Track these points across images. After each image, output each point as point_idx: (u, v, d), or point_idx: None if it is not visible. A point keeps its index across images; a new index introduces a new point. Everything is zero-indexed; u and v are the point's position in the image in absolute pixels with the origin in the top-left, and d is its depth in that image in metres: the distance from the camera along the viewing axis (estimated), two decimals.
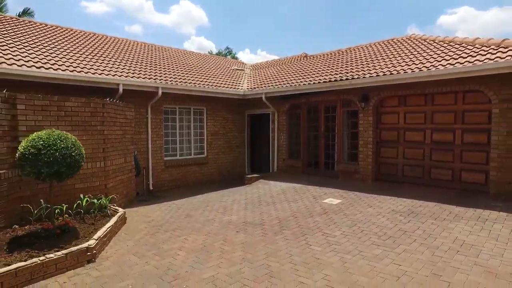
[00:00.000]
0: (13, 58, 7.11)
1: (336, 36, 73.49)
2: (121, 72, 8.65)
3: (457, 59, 7.28)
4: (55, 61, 7.83)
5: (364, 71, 8.97)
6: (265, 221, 6.13)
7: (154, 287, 3.66)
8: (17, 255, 4.16)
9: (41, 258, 4.00)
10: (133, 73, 8.95)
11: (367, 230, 5.34)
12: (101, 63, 8.83)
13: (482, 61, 6.70)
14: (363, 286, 3.53)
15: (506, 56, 6.51)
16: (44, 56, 7.91)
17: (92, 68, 8.16)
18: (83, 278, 3.93)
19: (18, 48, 7.80)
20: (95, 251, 4.52)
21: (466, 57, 7.18)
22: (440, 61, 7.56)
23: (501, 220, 5.54)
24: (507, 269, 3.80)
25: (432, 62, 7.65)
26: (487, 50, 7.15)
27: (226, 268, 4.10)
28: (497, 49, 7.02)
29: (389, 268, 3.93)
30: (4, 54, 7.17)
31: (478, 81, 7.08)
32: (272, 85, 10.97)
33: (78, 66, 8.00)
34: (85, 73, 7.78)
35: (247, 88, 11.66)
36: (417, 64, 7.91)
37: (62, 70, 7.48)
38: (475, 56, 7.06)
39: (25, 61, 7.17)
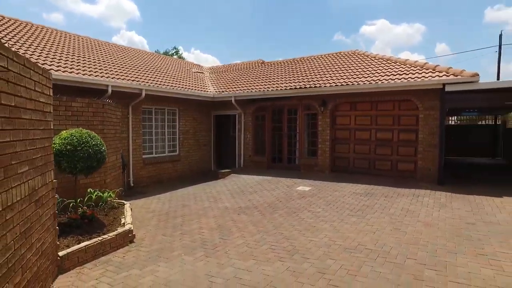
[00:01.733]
0: None
1: (267, 37, 76.80)
2: (106, 74, 9.13)
3: (395, 75, 9.41)
4: (43, 61, 8.08)
5: (323, 80, 10.75)
6: (256, 206, 7.41)
7: (202, 252, 4.72)
8: (66, 240, 4.79)
9: (100, 238, 4.78)
10: (117, 75, 9.47)
11: (340, 207, 6.97)
12: (89, 65, 9.21)
13: (413, 79, 8.87)
14: (353, 238, 5.06)
15: (429, 77, 8.75)
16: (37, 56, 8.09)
17: (82, 70, 8.54)
18: (137, 253, 4.81)
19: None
20: (134, 233, 5.36)
21: (402, 74, 9.33)
22: (383, 76, 9.63)
23: (427, 195, 7.67)
24: (435, 221, 5.69)
25: (377, 77, 9.69)
26: (415, 70, 9.38)
27: (250, 237, 5.31)
28: (422, 70, 9.29)
29: (366, 228, 5.55)
30: None
31: (409, 93, 9.26)
32: (240, 89, 12.23)
33: (67, 67, 8.34)
34: (75, 73, 8.17)
35: (215, 91, 12.74)
36: (366, 77, 9.89)
37: (55, 71, 7.80)
38: (408, 74, 9.23)
39: None
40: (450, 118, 19.77)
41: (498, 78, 23.24)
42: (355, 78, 10.11)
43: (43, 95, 3.71)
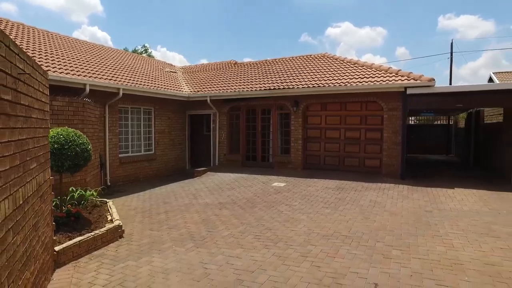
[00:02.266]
0: None
1: (234, 37, 77.11)
2: (83, 73, 9.10)
3: (363, 78, 10.16)
4: None
5: (296, 82, 11.32)
6: (236, 201, 7.80)
7: (192, 244, 5.05)
8: (55, 236, 4.88)
9: (91, 233, 4.96)
10: (95, 74, 9.45)
11: (315, 200, 7.53)
12: (64, 63, 9.12)
13: (379, 82, 9.65)
14: (329, 227, 5.61)
15: (392, 80, 9.57)
16: None
17: (58, 68, 8.47)
18: (129, 247, 5.04)
19: None
20: (124, 228, 5.57)
21: (368, 78, 10.10)
22: (352, 78, 10.36)
23: (392, 188, 8.45)
24: (399, 211, 6.40)
25: (346, 79, 10.40)
26: (381, 74, 10.19)
27: (234, 229, 5.70)
28: (386, 74, 10.11)
29: (339, 218, 6.13)
30: None
31: (375, 95, 10.05)
32: (215, 89, 12.53)
33: (42, 65, 8.24)
34: (52, 72, 8.11)
35: (191, 91, 12.94)
36: (335, 80, 10.58)
37: None
38: (374, 78, 10.01)
39: None
40: (410, 118, 21.22)
41: (450, 83, 25.23)
42: (325, 80, 10.77)
43: (44, 95, 3.89)
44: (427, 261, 4.09)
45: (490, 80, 23.11)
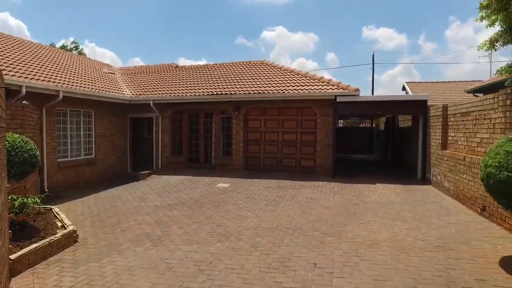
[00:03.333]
0: None
1: (170, 37, 75.68)
2: (17, 73, 8.64)
3: (299, 86, 11.23)
4: None
5: (237, 87, 12.00)
6: (184, 202, 8.18)
7: (150, 243, 5.39)
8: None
9: (47, 240, 5.01)
10: (31, 75, 9.02)
11: (258, 198, 8.26)
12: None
13: (313, 90, 10.79)
14: (273, 221, 6.36)
15: (324, 89, 10.78)
16: None
17: None
18: (86, 250, 5.19)
19: None
20: (78, 233, 5.66)
21: (304, 86, 11.20)
22: (289, 86, 11.36)
23: (325, 185, 9.58)
24: (331, 205, 7.44)
25: (284, 87, 11.37)
26: (314, 83, 11.36)
27: (187, 227, 6.14)
28: (319, 83, 11.32)
29: (281, 213, 6.93)
30: None
31: (310, 101, 11.19)
32: (158, 93, 12.64)
33: None
34: None
35: (132, 94, 12.85)
36: (274, 87, 11.49)
37: None
38: (308, 86, 11.14)
39: None
40: (340, 121, 23.35)
41: (372, 90, 28.24)
42: (265, 87, 11.63)
43: (2, 101, 3.95)
44: (354, 243, 5.03)
45: (404, 88, 26.45)
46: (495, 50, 5.78)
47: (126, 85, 14.13)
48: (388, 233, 5.49)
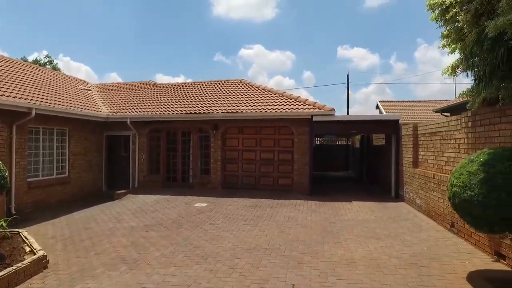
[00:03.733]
0: None
1: (149, 53, 75.58)
2: None
3: (276, 105, 11.46)
4: None
5: (216, 106, 12.10)
6: (161, 223, 8.06)
7: (126, 267, 5.26)
8: None
9: (13, 267, 4.78)
10: (1, 91, 8.75)
11: (236, 218, 8.25)
12: None
13: (290, 109, 11.05)
14: (251, 242, 6.36)
15: (301, 108, 11.06)
16: None
17: None
18: (57, 276, 4.99)
19: None
20: (48, 259, 5.44)
21: (281, 105, 11.45)
22: (266, 105, 11.58)
23: (302, 204, 9.71)
24: (309, 223, 7.55)
25: (261, 106, 11.58)
26: (291, 102, 11.64)
27: (165, 249, 6.04)
28: (296, 102, 11.61)
29: (259, 233, 6.95)
30: None
31: (287, 121, 11.43)
32: (135, 111, 12.53)
33: None
34: None
35: (109, 111, 12.66)
36: (252, 106, 11.67)
37: None
38: (285, 106, 11.39)
39: None
40: (317, 139, 23.82)
41: (348, 108, 29.10)
42: (243, 106, 11.80)
43: None
44: (331, 263, 5.12)
45: (377, 107, 27.44)
46: (457, 76, 6.19)
47: (102, 102, 13.93)
48: (364, 251, 5.63)
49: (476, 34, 4.65)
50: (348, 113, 29.54)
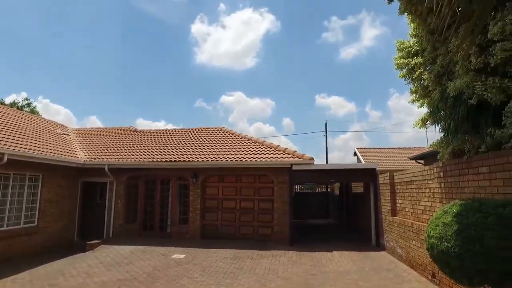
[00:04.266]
0: None
1: (130, 97, 76.29)
2: None
3: (256, 154, 11.61)
4: None
5: (196, 154, 12.11)
6: (136, 277, 7.62)
7: None
8: None
9: None
10: None
11: (215, 271, 7.93)
12: None
13: (269, 158, 11.20)
14: None
15: (280, 157, 11.24)
16: None
17: None
18: None
19: None
20: None
21: (260, 154, 11.60)
22: (246, 154, 11.70)
23: (283, 255, 9.49)
24: (290, 275, 7.31)
25: (241, 154, 11.69)
26: (271, 151, 11.83)
27: None
28: (276, 151, 11.81)
29: (239, 287, 6.67)
30: None
31: (267, 169, 11.52)
32: (114, 158, 12.34)
33: None
34: None
35: (86, 158, 12.41)
36: (232, 154, 11.76)
37: None
38: (265, 154, 11.55)
39: None
40: (296, 186, 23.91)
41: (326, 156, 29.74)
42: (223, 155, 11.87)
43: None
44: None
45: (355, 154, 28.20)
46: (427, 128, 6.58)
47: (80, 148, 13.68)
48: None
49: (439, 92, 5.05)
50: (327, 160, 30.13)
